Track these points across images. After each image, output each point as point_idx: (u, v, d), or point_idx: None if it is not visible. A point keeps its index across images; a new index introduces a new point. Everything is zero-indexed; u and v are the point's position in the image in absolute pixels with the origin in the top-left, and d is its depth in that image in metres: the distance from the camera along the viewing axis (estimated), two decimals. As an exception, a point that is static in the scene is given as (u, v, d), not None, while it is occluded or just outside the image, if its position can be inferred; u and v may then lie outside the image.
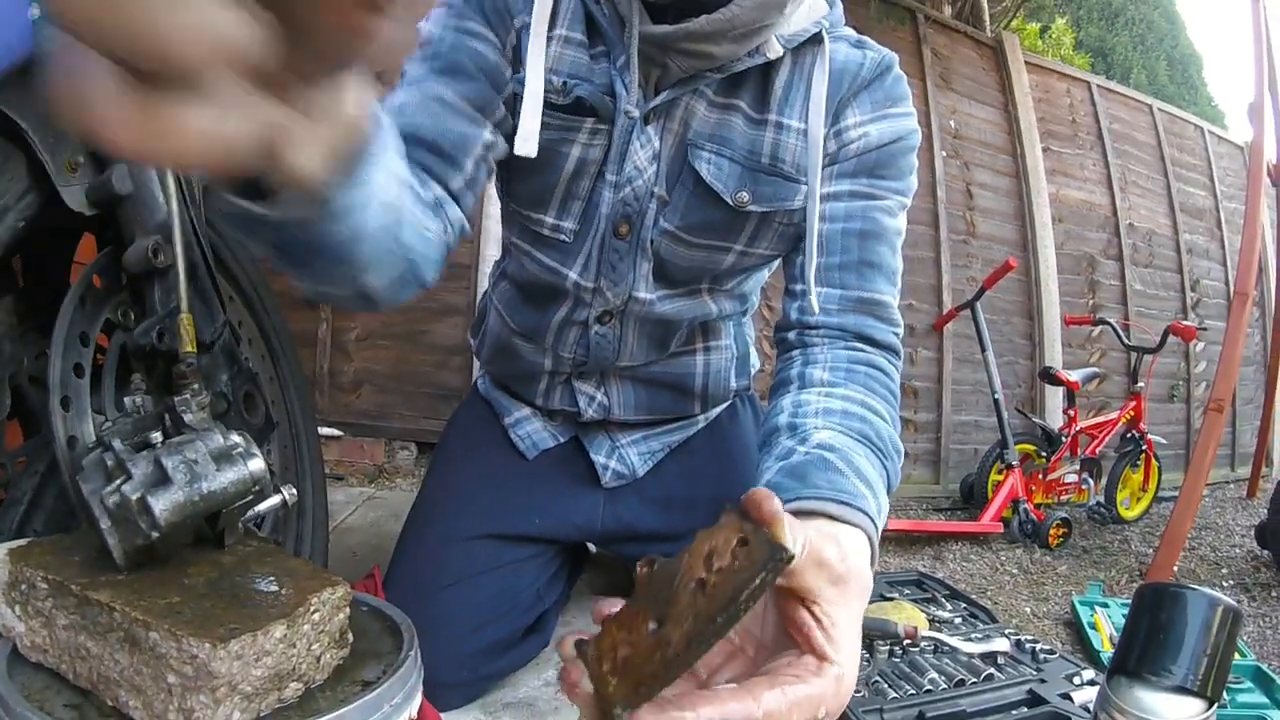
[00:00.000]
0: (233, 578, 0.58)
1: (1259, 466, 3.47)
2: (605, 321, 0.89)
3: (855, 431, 0.62)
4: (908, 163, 0.79)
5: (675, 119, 0.77)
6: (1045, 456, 2.77)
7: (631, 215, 0.81)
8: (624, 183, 0.79)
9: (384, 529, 1.72)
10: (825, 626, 0.38)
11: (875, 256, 0.76)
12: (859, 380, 0.69)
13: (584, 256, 0.84)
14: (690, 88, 0.75)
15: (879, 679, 1.02)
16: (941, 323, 3.16)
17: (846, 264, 0.75)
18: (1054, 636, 1.64)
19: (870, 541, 0.51)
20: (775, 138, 0.78)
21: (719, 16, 0.67)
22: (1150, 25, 10.63)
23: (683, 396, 1.02)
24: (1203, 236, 4.26)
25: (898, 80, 0.80)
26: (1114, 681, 0.66)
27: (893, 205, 0.78)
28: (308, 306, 2.55)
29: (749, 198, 0.79)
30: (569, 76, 0.76)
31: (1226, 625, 0.62)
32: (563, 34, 0.76)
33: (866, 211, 0.76)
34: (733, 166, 0.78)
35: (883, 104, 0.78)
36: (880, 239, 0.76)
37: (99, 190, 0.74)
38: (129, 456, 0.54)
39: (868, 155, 0.77)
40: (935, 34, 3.42)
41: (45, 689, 0.53)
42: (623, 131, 0.76)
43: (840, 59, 0.77)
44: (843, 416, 0.64)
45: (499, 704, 0.91)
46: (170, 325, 0.74)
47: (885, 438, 0.64)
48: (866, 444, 0.62)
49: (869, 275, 0.75)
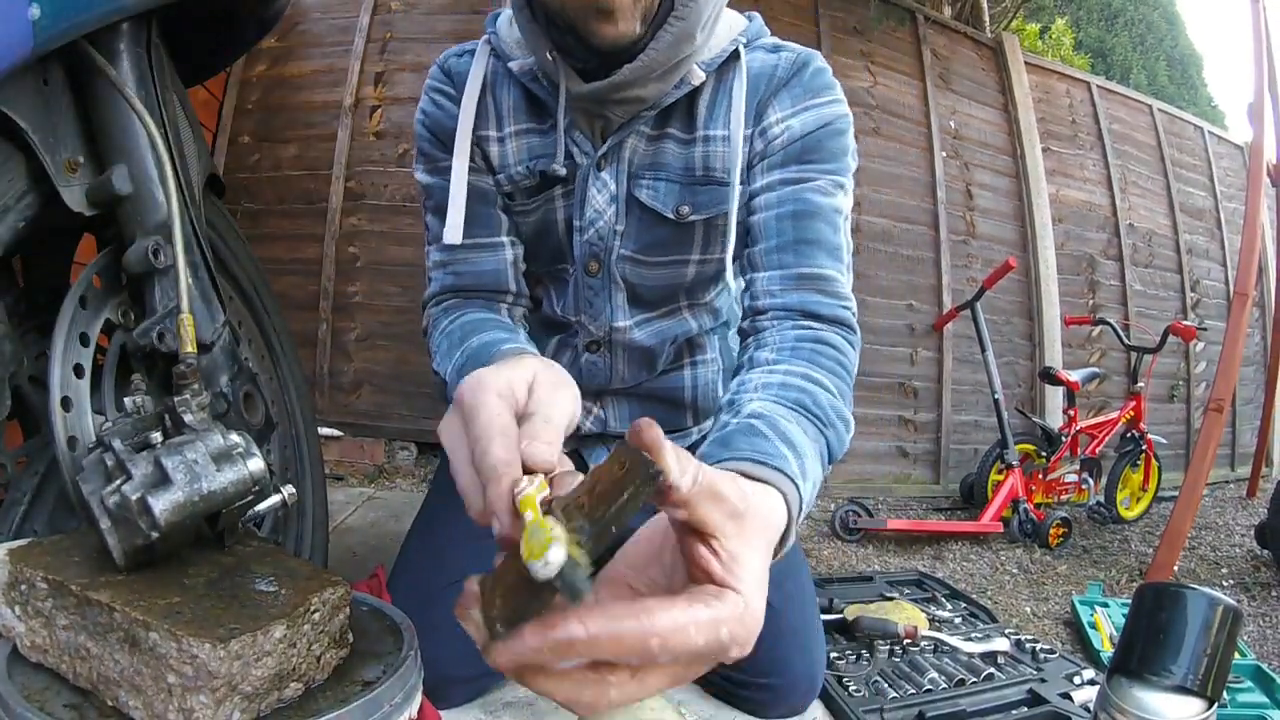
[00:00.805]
0: (233, 578, 0.58)
1: (1259, 466, 3.47)
2: (594, 350, 0.96)
3: (790, 400, 0.63)
4: (838, 145, 0.82)
5: (624, 159, 0.85)
6: (1045, 456, 2.77)
7: (599, 253, 0.89)
8: (587, 226, 0.87)
9: (384, 529, 1.72)
10: (724, 560, 0.37)
11: (811, 234, 0.78)
12: (803, 356, 0.70)
13: (568, 294, 0.93)
14: (631, 129, 0.83)
15: (879, 679, 1.02)
16: (941, 323, 3.16)
17: (783, 245, 0.78)
18: (1054, 636, 1.64)
19: (785, 498, 0.49)
20: (705, 150, 0.84)
21: (638, 64, 0.74)
22: (1150, 25, 10.64)
23: (675, 409, 1.05)
24: (1203, 237, 4.26)
25: (817, 73, 0.83)
26: (1114, 681, 0.66)
27: (825, 185, 0.80)
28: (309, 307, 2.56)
29: (690, 209, 0.86)
30: (529, 159, 0.86)
31: (1226, 625, 0.62)
32: (510, 131, 0.86)
33: (797, 194, 0.79)
34: (669, 186, 0.85)
35: (802, 98, 0.82)
36: (815, 216, 0.79)
37: (99, 190, 0.74)
38: (129, 456, 0.54)
39: (793, 146, 0.81)
40: (935, 34, 3.42)
41: (45, 689, 0.53)
42: (580, 182, 0.85)
43: (757, 67, 0.83)
44: (780, 389, 0.65)
45: (499, 703, 0.91)
46: (170, 325, 0.74)
47: (824, 405, 0.64)
48: (801, 411, 0.62)
49: (806, 251, 0.78)
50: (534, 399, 0.45)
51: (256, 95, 2.71)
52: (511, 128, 0.86)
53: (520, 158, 0.87)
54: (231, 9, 0.93)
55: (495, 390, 0.42)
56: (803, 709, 0.93)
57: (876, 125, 3.10)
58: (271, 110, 2.70)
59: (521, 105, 0.86)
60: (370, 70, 2.67)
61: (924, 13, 3.39)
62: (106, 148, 0.74)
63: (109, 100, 0.74)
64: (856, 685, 1.00)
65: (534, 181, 0.86)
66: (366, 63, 2.68)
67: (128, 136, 0.74)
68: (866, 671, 1.05)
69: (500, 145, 0.87)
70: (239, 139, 2.69)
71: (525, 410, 0.44)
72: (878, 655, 1.11)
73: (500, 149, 0.87)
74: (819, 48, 3.07)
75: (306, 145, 2.67)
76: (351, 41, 2.68)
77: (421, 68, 2.66)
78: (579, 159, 0.84)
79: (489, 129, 0.87)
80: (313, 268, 2.60)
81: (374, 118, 2.65)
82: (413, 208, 2.58)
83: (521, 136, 0.86)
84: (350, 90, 2.65)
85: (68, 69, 0.73)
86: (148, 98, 0.77)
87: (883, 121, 3.13)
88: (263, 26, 0.99)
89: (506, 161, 0.87)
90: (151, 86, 0.78)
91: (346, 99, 2.65)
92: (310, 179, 2.65)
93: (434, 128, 0.89)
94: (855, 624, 1.17)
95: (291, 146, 2.68)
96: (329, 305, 2.58)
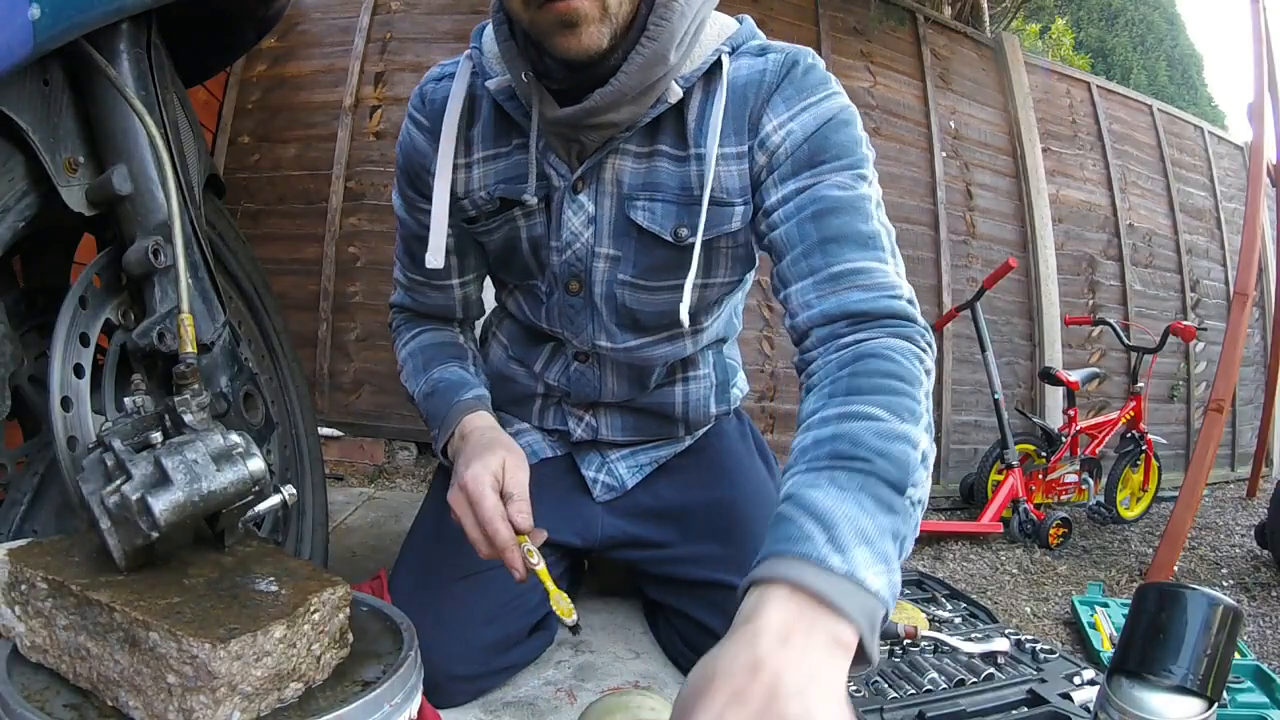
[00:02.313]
0: (233, 578, 0.58)
1: (1259, 466, 3.46)
2: (583, 360, 0.97)
3: (825, 456, 0.55)
4: (845, 137, 0.76)
5: (607, 180, 0.83)
6: (1045, 456, 2.76)
7: (579, 273, 0.88)
8: (564, 247, 0.87)
9: (384, 529, 1.71)
10: None
11: (834, 230, 0.71)
12: (841, 388, 0.62)
13: (549, 309, 0.94)
14: (610, 149, 0.81)
15: (879, 679, 1.02)
16: (941, 323, 3.16)
17: (808, 250, 0.72)
18: (1054, 636, 1.64)
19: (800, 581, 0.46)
20: (700, 169, 0.80)
21: (610, 89, 0.73)
22: (1150, 26, 10.63)
23: (666, 422, 1.05)
24: (1203, 237, 4.26)
25: (808, 71, 0.78)
26: (1114, 681, 0.66)
27: (843, 180, 0.74)
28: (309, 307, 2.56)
29: (688, 231, 0.82)
30: (493, 184, 0.87)
31: (1226, 625, 0.62)
32: (480, 156, 0.87)
33: (814, 195, 0.73)
34: (666, 207, 0.82)
35: (796, 98, 0.77)
36: (836, 212, 0.72)
37: (99, 190, 0.74)
38: (129, 457, 0.54)
39: (800, 151, 0.76)
40: (935, 34, 3.42)
41: (45, 689, 0.53)
42: (556, 204, 0.85)
43: (744, 75, 0.78)
44: (814, 446, 0.57)
45: (499, 703, 0.91)
46: (170, 325, 0.74)
47: (865, 441, 0.56)
48: (835, 464, 0.55)
49: (833, 250, 0.71)
50: (508, 480, 0.75)
51: (256, 95, 2.71)
52: (480, 154, 0.87)
53: (486, 182, 0.87)
54: (231, 9, 0.93)
55: (489, 485, 0.73)
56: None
57: (876, 125, 3.10)
58: (271, 110, 2.70)
59: (492, 126, 0.85)
60: (370, 70, 2.67)
61: (924, 13, 3.39)
62: (106, 148, 0.74)
63: (109, 100, 0.74)
64: (856, 685, 1.00)
65: (494, 206, 0.88)
66: (366, 63, 2.68)
67: (128, 136, 0.74)
68: (867, 671, 1.05)
69: (468, 171, 0.87)
70: (239, 139, 2.68)
71: (505, 490, 0.74)
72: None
73: (467, 175, 0.88)
74: (819, 48, 3.07)
75: (306, 145, 2.67)
76: (351, 41, 2.68)
77: (421, 68, 2.65)
78: (556, 181, 0.84)
79: (459, 157, 0.86)
80: (313, 268, 2.60)
81: (374, 118, 2.65)
82: (413, 208, 2.58)
83: (490, 162, 0.87)
84: (350, 90, 2.65)
85: (68, 69, 0.73)
86: (148, 98, 0.77)
87: (883, 121, 3.13)
88: (263, 27, 0.99)
89: (472, 187, 0.88)
90: (151, 86, 0.78)
91: (346, 99, 2.65)
92: (310, 179, 2.65)
93: (405, 162, 0.91)
94: (855, 624, 1.16)
95: (291, 146, 2.68)
96: (329, 305, 2.58)
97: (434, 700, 0.80)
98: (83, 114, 0.74)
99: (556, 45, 0.70)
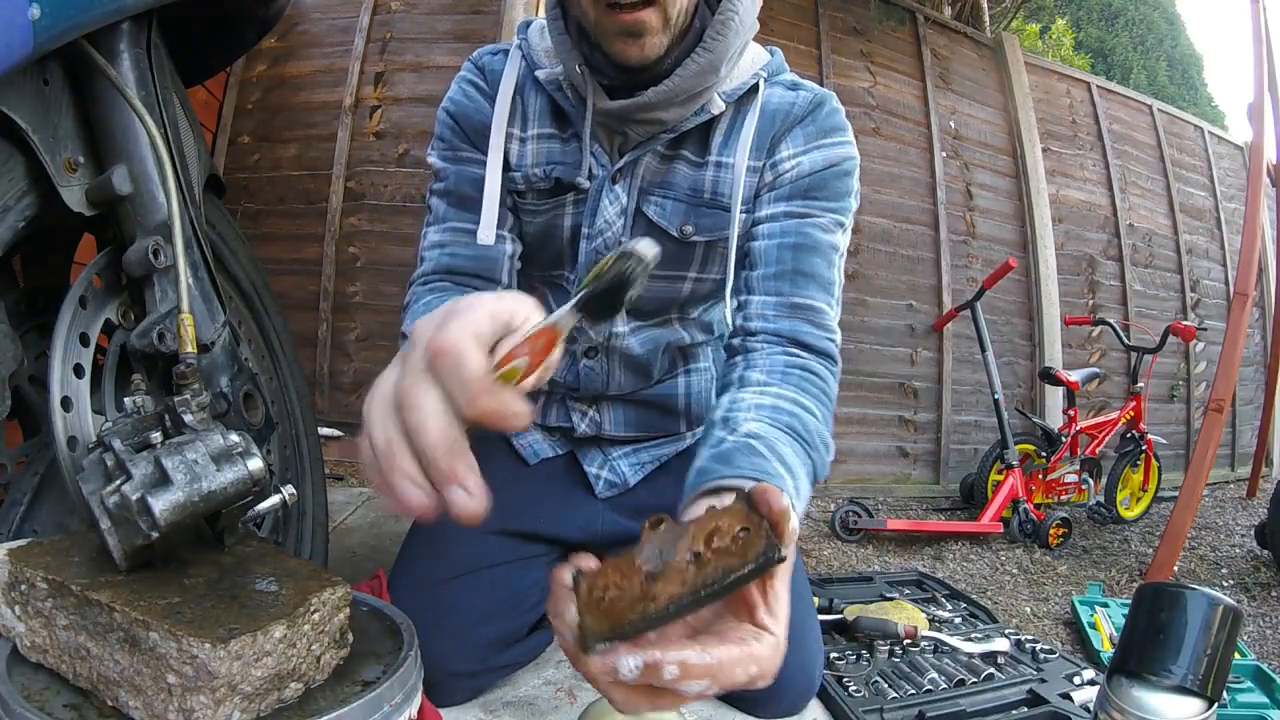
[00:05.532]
0: (233, 578, 0.58)
1: (1259, 466, 3.47)
2: (592, 356, 0.98)
3: (783, 424, 0.67)
4: (843, 185, 0.86)
5: (637, 175, 0.88)
6: (1045, 456, 2.77)
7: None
8: (595, 235, 0.89)
9: (384, 529, 1.72)
10: (770, 604, 0.42)
11: (808, 267, 0.82)
12: (792, 382, 0.74)
13: (566, 300, 0.90)
14: (649, 148, 0.86)
15: (879, 679, 1.02)
16: (941, 323, 3.16)
17: (781, 273, 0.82)
18: (1054, 636, 1.64)
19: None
20: (715, 175, 0.87)
21: (663, 88, 0.78)
22: (1150, 26, 10.64)
23: (669, 415, 1.07)
24: (1203, 237, 4.27)
25: (831, 114, 0.87)
26: (1114, 681, 0.66)
27: (826, 222, 0.84)
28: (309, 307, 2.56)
29: (693, 229, 0.89)
30: (546, 164, 0.88)
31: (1226, 625, 0.62)
32: (534, 133, 0.89)
33: (800, 227, 0.84)
34: (676, 205, 0.88)
35: (815, 136, 0.86)
36: (814, 251, 0.83)
37: (99, 190, 0.74)
38: (129, 456, 0.54)
39: (801, 181, 0.85)
40: (935, 34, 3.42)
41: (45, 689, 0.53)
42: (594, 193, 0.88)
43: (775, 102, 0.87)
44: (772, 411, 0.69)
45: (499, 702, 0.91)
46: (170, 325, 0.74)
47: (812, 430, 0.69)
48: (792, 435, 0.67)
49: (802, 283, 0.82)
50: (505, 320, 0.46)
51: (256, 95, 2.71)
52: (534, 130, 0.89)
53: (539, 160, 0.89)
54: (231, 9, 0.93)
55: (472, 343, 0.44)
56: (800, 708, 0.93)
57: (876, 125, 3.10)
58: (271, 110, 2.70)
59: (546, 112, 0.89)
60: (370, 70, 2.67)
61: (924, 13, 3.39)
62: (106, 148, 0.74)
63: (109, 100, 0.74)
64: (856, 685, 1.00)
65: (549, 185, 0.89)
66: (366, 63, 2.68)
67: (128, 136, 0.74)
68: (866, 672, 1.05)
69: (521, 145, 0.89)
70: (239, 139, 2.69)
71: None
72: (878, 655, 1.11)
73: (521, 148, 0.89)
74: (819, 48, 3.07)
75: (306, 145, 2.67)
76: (351, 41, 2.68)
77: (422, 68, 2.66)
78: (595, 170, 0.88)
79: (514, 127, 0.89)
80: (313, 268, 2.60)
81: (374, 118, 2.65)
82: (413, 208, 2.58)
83: (543, 140, 0.89)
84: (350, 90, 2.65)
85: (68, 69, 0.73)
86: (148, 98, 0.77)
87: (883, 121, 3.13)
88: (263, 27, 0.99)
89: (525, 162, 0.89)
90: (151, 86, 0.78)
91: (346, 99, 2.65)
92: (310, 179, 2.65)
93: (460, 117, 0.91)
94: (855, 624, 1.17)
95: (291, 146, 2.68)
96: (329, 305, 2.58)
97: (432, 697, 0.80)
98: (83, 114, 0.74)
99: (617, 51, 0.76)
